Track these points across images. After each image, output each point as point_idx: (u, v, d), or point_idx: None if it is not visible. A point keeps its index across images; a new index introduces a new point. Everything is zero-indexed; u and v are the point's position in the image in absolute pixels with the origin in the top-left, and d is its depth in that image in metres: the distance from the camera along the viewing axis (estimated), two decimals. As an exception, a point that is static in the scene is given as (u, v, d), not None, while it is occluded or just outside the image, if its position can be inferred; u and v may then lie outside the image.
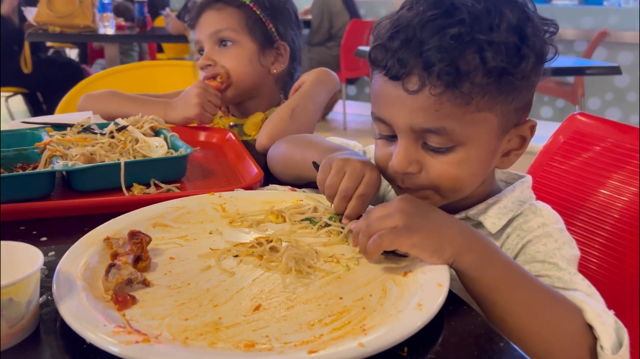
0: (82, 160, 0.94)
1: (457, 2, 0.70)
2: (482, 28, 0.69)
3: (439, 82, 0.69)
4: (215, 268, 0.66)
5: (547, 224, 0.78)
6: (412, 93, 0.71)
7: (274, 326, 0.55)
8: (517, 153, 0.80)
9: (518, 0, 0.73)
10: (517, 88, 0.73)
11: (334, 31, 5.30)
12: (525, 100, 0.77)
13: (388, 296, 0.61)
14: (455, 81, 0.69)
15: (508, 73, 0.70)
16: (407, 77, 0.71)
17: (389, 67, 0.72)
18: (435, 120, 0.71)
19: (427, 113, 0.71)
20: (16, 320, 0.53)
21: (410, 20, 0.71)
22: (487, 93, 0.71)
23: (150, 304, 0.58)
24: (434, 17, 0.70)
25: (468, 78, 0.69)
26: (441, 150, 0.73)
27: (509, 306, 0.64)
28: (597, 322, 0.63)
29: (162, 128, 1.11)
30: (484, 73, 0.69)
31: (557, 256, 0.74)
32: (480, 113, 0.72)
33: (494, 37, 0.69)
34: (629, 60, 4.83)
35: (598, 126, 1.11)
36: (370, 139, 0.94)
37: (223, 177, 1.05)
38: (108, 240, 0.68)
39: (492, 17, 0.69)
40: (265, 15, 1.32)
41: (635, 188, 0.99)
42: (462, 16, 0.69)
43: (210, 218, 0.80)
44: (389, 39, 0.73)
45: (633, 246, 0.97)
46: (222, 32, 1.30)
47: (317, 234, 0.75)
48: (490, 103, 0.72)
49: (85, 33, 3.55)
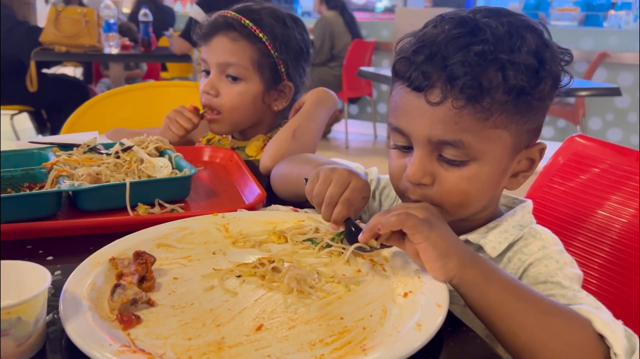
0: (88, 180, 0.95)
1: (481, 24, 0.74)
2: (504, 48, 0.72)
3: (461, 95, 0.71)
4: (219, 288, 0.67)
5: (547, 247, 0.79)
6: (433, 105, 0.73)
7: (275, 346, 0.56)
8: (525, 174, 0.82)
9: (537, 28, 0.76)
10: (533, 110, 0.76)
11: (336, 51, 5.36)
12: (538, 122, 0.79)
13: (388, 317, 0.62)
14: (477, 95, 0.71)
15: (526, 93, 0.73)
16: (429, 89, 0.74)
17: (413, 78, 0.75)
18: (454, 132, 0.73)
19: (446, 126, 0.73)
20: (24, 339, 0.54)
21: (435, 36, 0.74)
22: (505, 111, 0.73)
23: (154, 324, 0.59)
24: (458, 35, 0.73)
25: (489, 94, 0.71)
26: (455, 163, 0.75)
27: (517, 320, 0.65)
28: (607, 330, 0.63)
29: (166, 148, 1.12)
30: (505, 91, 0.72)
31: (560, 276, 0.74)
32: (497, 130, 0.74)
33: (515, 57, 0.72)
34: (629, 81, 4.86)
35: (596, 148, 1.12)
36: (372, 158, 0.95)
37: (226, 197, 1.06)
38: (113, 260, 0.69)
39: (514, 40, 0.73)
40: (279, 55, 1.30)
41: (634, 210, 1.00)
42: (485, 36, 0.72)
43: (214, 239, 0.81)
44: (414, 53, 0.75)
45: (632, 267, 0.98)
46: (232, 67, 1.28)
47: (318, 254, 0.76)
48: (506, 121, 0.74)
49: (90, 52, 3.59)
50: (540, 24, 0.78)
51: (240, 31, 1.28)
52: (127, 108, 1.94)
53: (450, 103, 0.72)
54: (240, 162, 1.19)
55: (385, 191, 1.01)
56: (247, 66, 1.28)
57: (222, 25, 1.29)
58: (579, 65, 4.96)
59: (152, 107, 1.91)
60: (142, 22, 3.81)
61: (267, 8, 1.32)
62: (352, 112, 6.10)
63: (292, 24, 1.33)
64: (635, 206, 1.01)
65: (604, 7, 5.85)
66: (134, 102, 1.96)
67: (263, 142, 1.35)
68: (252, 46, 1.28)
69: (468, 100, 0.72)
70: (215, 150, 1.30)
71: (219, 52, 1.29)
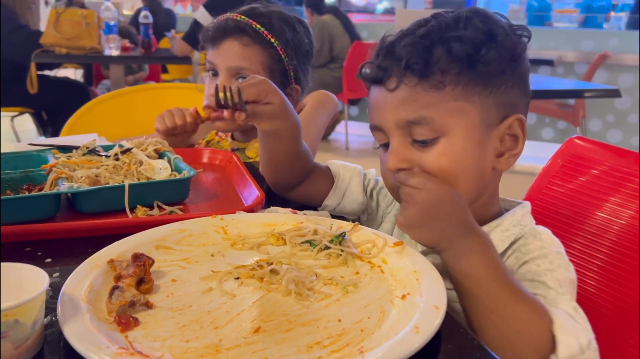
0: (87, 182, 0.95)
1: (431, 16, 0.82)
2: (450, 29, 0.78)
3: (412, 75, 0.77)
4: (217, 291, 0.67)
5: (545, 247, 0.80)
6: (392, 91, 0.79)
7: (273, 348, 0.56)
8: (512, 153, 0.83)
9: (491, 15, 0.81)
10: (493, 81, 0.78)
11: (335, 53, 5.37)
12: (507, 97, 0.80)
13: (386, 319, 0.62)
14: (425, 71, 0.77)
15: (476, 61, 0.76)
16: (387, 80, 0.80)
17: (372, 74, 0.83)
18: (415, 110, 0.78)
19: (406, 106, 0.78)
20: (21, 341, 0.54)
21: (392, 39, 0.83)
22: (460, 82, 0.77)
23: (152, 326, 0.59)
24: (408, 30, 0.81)
25: (437, 66, 0.76)
26: (427, 143, 0.79)
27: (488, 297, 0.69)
28: (561, 334, 0.65)
29: (165, 150, 1.12)
30: (451, 61, 0.76)
31: (548, 277, 0.75)
32: (457, 102, 0.77)
33: (460, 33, 0.77)
34: (630, 82, 4.87)
35: (595, 150, 1.12)
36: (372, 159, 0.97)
37: (225, 199, 1.06)
38: (112, 262, 0.69)
39: (460, 23, 0.79)
40: (289, 60, 1.30)
41: (633, 211, 1.00)
42: (431, 23, 0.80)
43: (212, 241, 0.81)
44: (375, 56, 0.84)
45: (631, 269, 0.98)
46: (244, 72, 1.26)
47: (316, 257, 0.76)
48: (465, 93, 0.77)
49: (91, 54, 3.60)
50: (503, 17, 0.82)
51: (252, 36, 1.27)
52: (127, 110, 1.95)
53: (406, 83, 0.78)
54: (239, 164, 1.19)
55: (383, 192, 1.02)
56: (259, 71, 1.27)
57: (233, 29, 1.27)
58: (579, 67, 4.96)
59: (152, 108, 1.90)
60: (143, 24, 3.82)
61: (276, 12, 1.30)
62: (353, 114, 6.11)
63: (300, 27, 1.32)
64: (634, 208, 1.01)
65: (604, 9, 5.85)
66: (134, 103, 1.96)
67: None
68: (264, 51, 1.27)
69: (420, 77, 0.77)
70: (214, 152, 1.30)
71: (230, 57, 1.27)
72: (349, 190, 1.01)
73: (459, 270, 0.72)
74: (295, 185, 1.02)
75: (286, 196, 1.05)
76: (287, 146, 0.96)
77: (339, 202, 1.01)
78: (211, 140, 1.46)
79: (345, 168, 1.03)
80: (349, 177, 1.02)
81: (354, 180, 1.01)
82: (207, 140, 1.46)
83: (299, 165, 1.00)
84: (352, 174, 1.02)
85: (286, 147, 0.96)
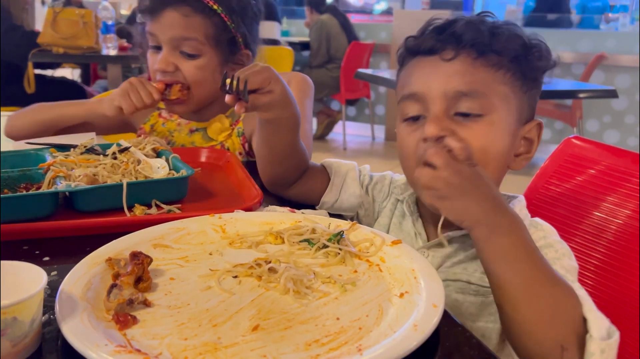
0: (85, 180, 0.95)
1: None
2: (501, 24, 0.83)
3: (472, 49, 0.80)
4: (215, 289, 0.67)
5: (548, 237, 0.81)
6: (447, 61, 0.80)
7: (271, 346, 0.56)
8: (526, 156, 0.86)
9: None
10: (531, 82, 0.83)
11: (333, 53, 5.37)
12: (534, 101, 0.86)
13: (384, 317, 0.62)
14: (484, 49, 0.79)
15: (527, 57, 0.81)
16: (443, 51, 0.81)
17: (425, 45, 0.83)
18: (469, 82, 0.79)
19: (462, 77, 0.79)
20: (19, 339, 0.54)
21: (445, 20, 0.85)
22: (510, 70, 0.81)
23: (150, 324, 0.59)
24: (461, 17, 0.84)
25: (496, 47, 0.80)
26: (469, 117, 0.78)
27: (523, 278, 0.67)
28: (591, 315, 0.65)
29: (163, 149, 1.12)
30: (508, 46, 0.80)
31: (557, 265, 0.75)
32: (505, 87, 0.80)
33: (511, 28, 0.82)
34: (627, 83, 4.88)
35: (593, 149, 1.13)
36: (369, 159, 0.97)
37: (223, 197, 1.06)
38: (110, 260, 0.69)
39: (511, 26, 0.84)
40: (234, 24, 1.22)
41: (629, 211, 1.01)
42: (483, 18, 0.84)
43: (211, 239, 0.81)
44: (422, 32, 0.85)
45: (628, 268, 0.98)
46: (187, 42, 1.20)
47: (315, 255, 0.76)
48: (512, 81, 0.81)
49: (88, 54, 3.59)
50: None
51: (192, 5, 1.19)
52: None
53: (464, 57, 0.79)
54: (238, 163, 1.19)
55: (377, 187, 1.02)
56: (203, 41, 1.20)
57: (169, 1, 1.19)
58: (576, 67, 4.97)
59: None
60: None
61: None
62: (350, 114, 6.11)
63: None
64: (631, 208, 1.01)
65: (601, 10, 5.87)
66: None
67: (229, 125, 1.30)
68: (208, 20, 1.20)
69: (479, 53, 0.79)
70: (212, 151, 1.30)
71: (171, 27, 1.20)
72: (345, 185, 1.01)
73: (494, 248, 0.68)
74: (292, 182, 1.02)
75: (282, 194, 1.05)
76: (285, 136, 0.96)
77: (337, 198, 1.01)
78: (155, 123, 1.39)
79: (340, 164, 1.04)
80: (345, 171, 1.02)
81: (350, 174, 1.02)
82: (151, 124, 1.39)
83: (296, 159, 1.00)
84: (347, 169, 1.03)
85: (284, 137, 0.97)
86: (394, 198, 0.98)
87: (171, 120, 1.37)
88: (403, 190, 0.97)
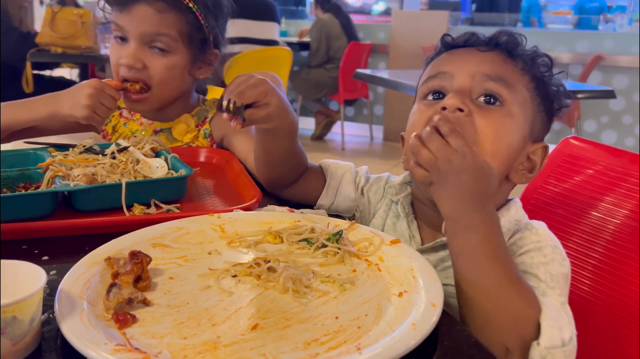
0: (83, 180, 0.95)
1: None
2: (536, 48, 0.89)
3: (503, 50, 0.85)
4: (214, 288, 0.67)
5: (540, 241, 0.81)
6: (482, 51, 0.85)
7: (271, 345, 0.56)
8: (527, 176, 0.87)
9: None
10: (548, 103, 0.87)
11: (332, 53, 5.37)
12: (546, 124, 0.89)
13: (383, 316, 0.62)
14: (515, 53, 0.85)
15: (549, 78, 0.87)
16: (478, 45, 0.87)
17: (463, 38, 0.88)
18: (499, 71, 0.83)
19: (494, 65, 0.84)
20: (19, 338, 0.54)
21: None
22: (533, 81, 0.85)
23: (150, 323, 0.59)
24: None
25: (526, 56, 0.85)
26: (491, 102, 0.82)
27: (484, 275, 0.68)
28: (546, 323, 0.65)
29: (162, 149, 1.12)
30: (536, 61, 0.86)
31: (541, 270, 0.76)
32: (527, 93, 0.84)
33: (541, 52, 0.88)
34: (624, 83, 4.89)
35: (591, 149, 1.13)
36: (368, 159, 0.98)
37: (222, 197, 1.07)
38: (109, 260, 0.69)
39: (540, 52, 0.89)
40: (208, 23, 1.20)
41: (627, 211, 1.01)
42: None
43: (210, 239, 0.81)
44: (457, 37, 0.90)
45: (625, 268, 0.99)
46: (160, 39, 1.16)
47: (314, 255, 0.77)
48: (533, 93, 0.85)
49: (87, 54, 3.59)
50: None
51: (167, 1, 1.16)
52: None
53: (498, 52, 0.85)
54: (237, 163, 1.19)
55: (373, 188, 1.02)
56: (176, 38, 1.17)
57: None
58: (574, 68, 4.98)
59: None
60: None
61: None
62: (349, 114, 6.11)
63: None
64: (629, 208, 1.01)
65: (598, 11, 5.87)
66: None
67: (195, 126, 1.29)
68: (182, 18, 1.17)
69: (509, 55, 0.85)
70: (211, 151, 1.30)
71: (143, 23, 1.16)
72: (341, 188, 1.02)
73: (458, 243, 0.71)
74: (289, 183, 1.03)
75: (279, 194, 1.06)
76: (283, 143, 0.96)
77: (332, 201, 1.01)
78: (117, 124, 1.35)
79: (337, 166, 1.04)
80: (341, 174, 1.03)
81: (346, 176, 1.02)
82: (113, 125, 1.35)
83: (294, 163, 1.00)
84: (344, 171, 1.03)
85: (282, 144, 0.97)
86: (389, 199, 0.98)
87: (133, 120, 1.33)
88: (398, 191, 0.95)
